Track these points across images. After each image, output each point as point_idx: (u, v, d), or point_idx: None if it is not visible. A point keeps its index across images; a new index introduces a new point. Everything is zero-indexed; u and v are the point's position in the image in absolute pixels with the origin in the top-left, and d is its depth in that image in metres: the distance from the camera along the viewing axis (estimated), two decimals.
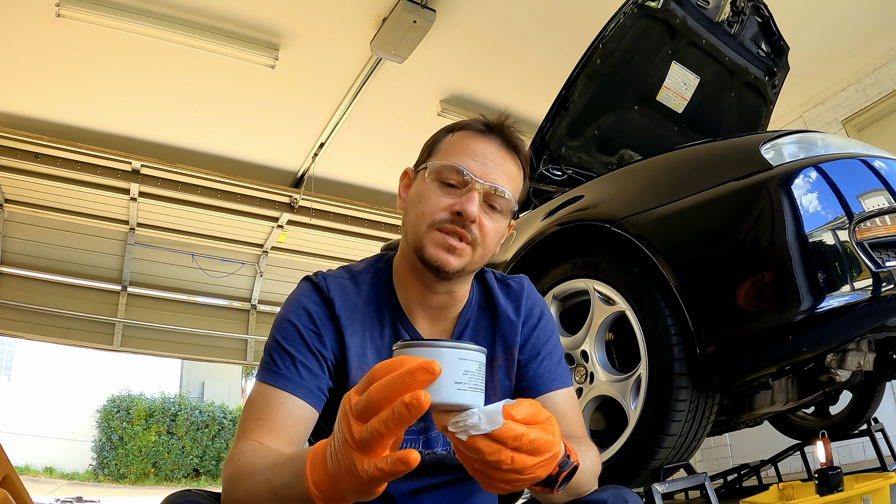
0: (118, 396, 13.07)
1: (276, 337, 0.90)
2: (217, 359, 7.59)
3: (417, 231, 0.91)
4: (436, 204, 0.90)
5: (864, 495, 1.49)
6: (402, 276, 0.98)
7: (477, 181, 0.89)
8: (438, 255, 0.89)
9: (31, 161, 5.03)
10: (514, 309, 1.02)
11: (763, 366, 1.38)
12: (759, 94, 2.67)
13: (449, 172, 0.90)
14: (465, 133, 0.94)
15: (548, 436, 0.59)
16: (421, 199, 0.92)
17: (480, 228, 0.90)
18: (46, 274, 6.34)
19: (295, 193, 5.75)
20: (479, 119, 0.96)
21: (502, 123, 0.95)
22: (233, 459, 0.77)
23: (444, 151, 0.94)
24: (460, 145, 0.93)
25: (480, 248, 0.91)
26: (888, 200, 1.36)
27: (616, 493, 0.80)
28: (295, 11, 3.74)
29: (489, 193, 0.90)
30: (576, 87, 2.17)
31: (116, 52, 3.99)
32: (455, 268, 0.89)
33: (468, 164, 0.90)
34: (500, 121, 0.95)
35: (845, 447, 3.07)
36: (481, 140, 0.93)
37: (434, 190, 0.91)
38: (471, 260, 0.91)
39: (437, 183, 0.91)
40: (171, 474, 12.61)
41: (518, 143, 0.95)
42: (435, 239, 0.89)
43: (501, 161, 0.92)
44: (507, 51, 4.08)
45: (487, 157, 0.91)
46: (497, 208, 0.91)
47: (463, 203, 0.88)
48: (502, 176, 0.91)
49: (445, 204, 0.89)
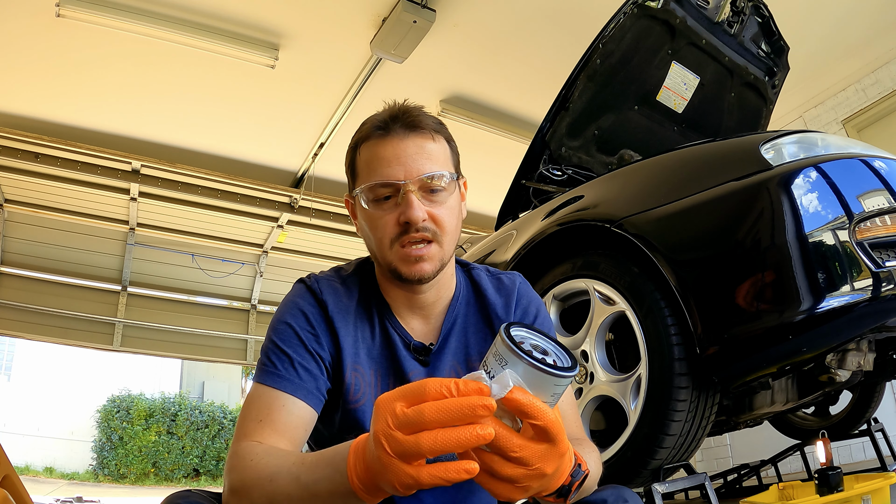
0: (118, 396, 13.07)
1: (273, 339, 0.90)
2: (217, 359, 7.59)
3: (383, 255, 0.91)
4: (383, 224, 0.89)
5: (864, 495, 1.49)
6: (384, 285, 0.99)
7: (403, 183, 0.87)
8: (411, 270, 0.89)
9: (31, 161, 5.03)
10: (504, 304, 1.01)
11: (763, 366, 1.38)
12: (759, 94, 2.67)
13: (376, 190, 0.89)
14: (369, 144, 0.91)
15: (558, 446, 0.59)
16: (369, 224, 0.91)
17: (434, 220, 0.89)
18: (46, 274, 6.34)
19: (295, 193, 5.75)
20: (375, 119, 0.92)
21: (395, 112, 0.91)
22: (241, 462, 0.75)
23: (362, 171, 0.92)
24: (371, 159, 0.90)
25: (444, 237, 0.91)
26: (888, 200, 1.36)
27: (616, 493, 0.80)
28: (295, 11, 3.74)
29: (423, 185, 0.88)
30: (576, 87, 2.16)
31: (116, 53, 3.99)
32: (431, 272, 0.90)
33: (386, 172, 0.88)
34: (393, 110, 0.92)
35: (845, 447, 3.07)
36: (385, 142, 0.90)
37: (374, 212, 0.90)
38: (441, 252, 0.91)
39: (373, 203, 0.90)
40: (171, 474, 12.61)
41: (420, 120, 0.91)
42: (400, 256, 0.89)
43: (415, 148, 0.89)
44: (508, 51, 4.08)
45: (399, 154, 0.89)
46: (438, 189, 0.90)
47: (404, 211, 0.87)
48: (424, 161, 0.89)
49: (391, 220, 0.88)
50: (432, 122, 0.93)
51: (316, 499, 0.67)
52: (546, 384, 0.57)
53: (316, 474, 0.67)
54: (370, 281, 1.00)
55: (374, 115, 0.94)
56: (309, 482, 0.67)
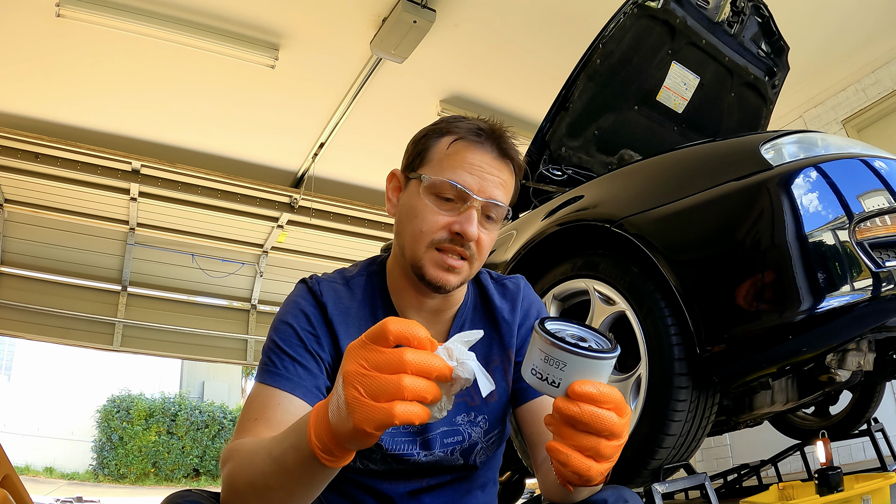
0: (118, 396, 13.07)
1: (273, 338, 0.90)
2: (217, 359, 7.59)
3: (415, 249, 0.90)
4: (434, 222, 0.88)
5: (864, 495, 1.49)
6: (396, 281, 0.97)
7: (475, 198, 0.87)
8: (438, 276, 0.89)
9: (31, 161, 5.04)
10: (510, 309, 1.02)
11: (763, 366, 1.38)
12: (759, 94, 2.67)
13: (446, 188, 0.88)
14: (460, 144, 0.90)
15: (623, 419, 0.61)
16: (417, 214, 0.90)
17: (478, 244, 0.89)
18: (46, 274, 6.35)
19: (295, 193, 5.75)
20: (473, 124, 0.92)
21: (497, 129, 0.91)
22: (230, 454, 0.76)
23: (437, 161, 0.90)
24: (455, 158, 0.89)
25: (477, 261, 0.91)
26: (888, 200, 1.36)
27: (616, 493, 0.80)
28: (295, 11, 3.75)
29: (486, 207, 0.89)
30: (576, 87, 2.16)
31: (116, 52, 3.99)
32: (455, 285, 0.90)
33: (465, 179, 0.87)
34: (495, 127, 0.92)
35: (845, 447, 3.07)
36: (477, 151, 0.90)
37: (430, 205, 0.89)
38: (468, 273, 0.91)
39: (433, 197, 0.89)
40: (171, 474, 12.61)
41: (513, 152, 0.92)
42: (434, 259, 0.89)
43: (498, 172, 0.90)
44: (508, 51, 4.08)
45: (484, 169, 0.89)
46: (493, 218, 0.91)
47: (462, 223, 0.87)
48: (499, 188, 0.90)
49: (444, 223, 0.88)
50: (520, 160, 0.94)
51: (285, 473, 0.65)
52: (598, 369, 0.60)
53: (283, 445, 0.66)
54: (376, 282, 0.99)
55: (470, 118, 0.94)
56: (278, 455, 0.66)
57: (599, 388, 0.59)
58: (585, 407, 0.58)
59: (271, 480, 0.67)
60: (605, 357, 0.60)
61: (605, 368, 0.60)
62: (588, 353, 0.59)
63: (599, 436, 0.59)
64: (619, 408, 0.60)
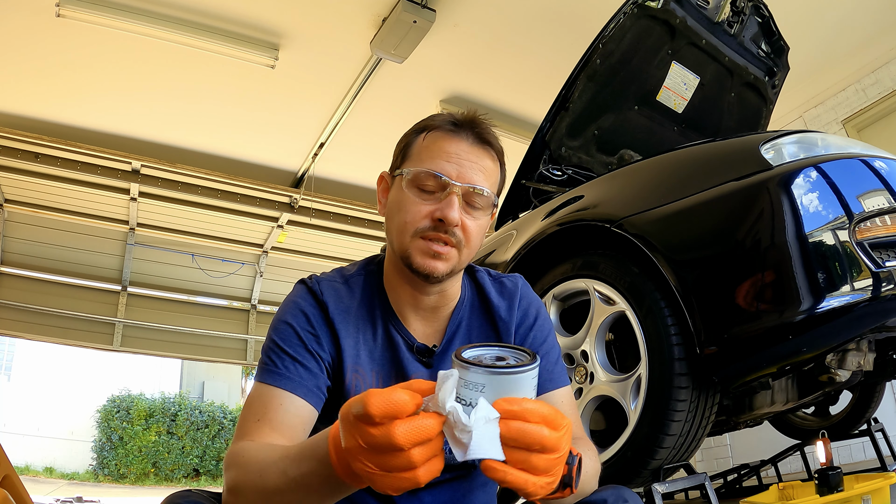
0: (118, 396, 13.07)
1: (273, 338, 0.90)
2: (217, 359, 7.59)
3: (402, 240, 0.91)
4: (416, 212, 0.90)
5: (864, 495, 1.49)
6: (391, 280, 0.98)
7: (454, 184, 0.89)
8: (425, 263, 0.89)
9: (31, 161, 5.03)
10: (508, 307, 1.02)
11: (763, 366, 1.38)
12: (759, 94, 2.67)
13: (425, 178, 0.90)
14: (436, 134, 0.93)
15: (558, 433, 0.59)
16: (401, 207, 0.91)
17: (464, 230, 0.90)
18: (46, 274, 6.35)
19: (295, 193, 5.75)
20: (448, 116, 0.94)
21: (472, 118, 0.93)
22: (234, 460, 0.76)
23: (416, 155, 0.93)
24: (433, 148, 0.91)
25: (466, 249, 0.92)
26: (888, 200, 1.36)
27: (616, 493, 0.80)
28: (295, 11, 3.74)
29: (468, 193, 0.90)
30: (576, 87, 2.16)
31: (116, 52, 3.99)
32: (443, 272, 0.90)
33: (443, 166, 0.89)
34: (470, 116, 0.94)
35: (845, 447, 3.07)
36: (453, 139, 0.92)
37: (412, 197, 0.90)
38: (458, 261, 0.92)
39: (415, 189, 0.91)
40: (171, 474, 12.61)
41: (490, 136, 0.94)
42: (420, 247, 0.90)
43: (476, 158, 0.91)
44: (508, 51, 4.08)
45: (461, 156, 0.91)
46: (477, 206, 0.91)
47: (443, 209, 0.88)
48: (479, 174, 0.91)
49: (426, 211, 0.89)
50: (499, 145, 0.96)
51: (308, 489, 0.68)
52: (518, 384, 0.59)
53: (302, 468, 0.68)
54: (374, 281, 1.00)
55: (450, 112, 0.96)
56: (296, 476, 0.68)
57: (523, 405, 0.58)
58: (511, 424, 0.57)
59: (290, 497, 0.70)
60: (519, 371, 0.59)
61: (525, 382, 0.59)
62: (503, 370, 0.58)
63: (531, 450, 0.58)
64: (549, 421, 0.58)
